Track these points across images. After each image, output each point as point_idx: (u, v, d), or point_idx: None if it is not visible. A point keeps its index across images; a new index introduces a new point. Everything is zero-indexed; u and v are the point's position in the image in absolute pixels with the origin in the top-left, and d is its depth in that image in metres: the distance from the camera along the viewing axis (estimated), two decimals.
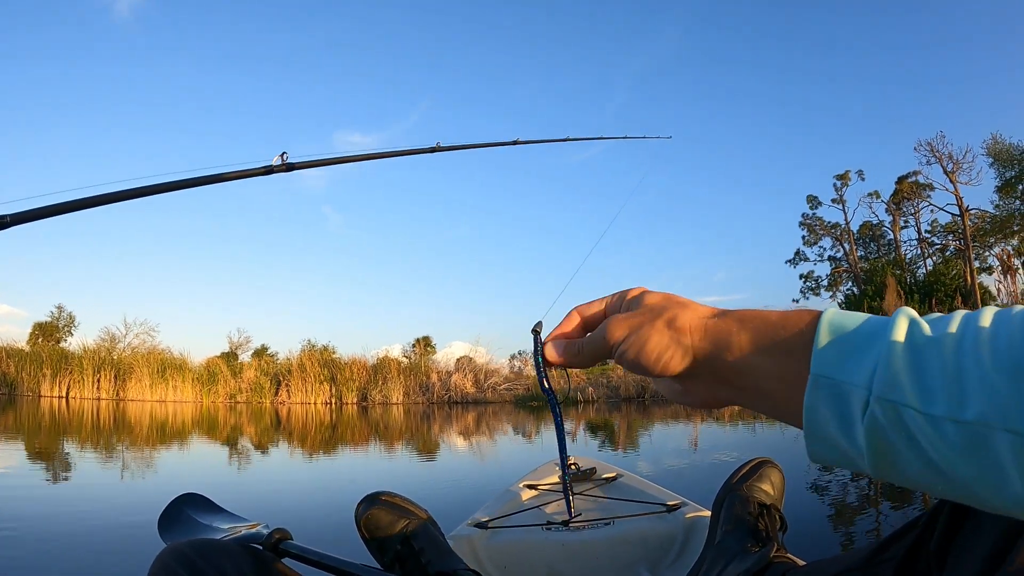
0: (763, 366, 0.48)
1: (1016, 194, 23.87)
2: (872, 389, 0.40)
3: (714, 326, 0.52)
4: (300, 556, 1.16)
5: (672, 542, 1.71)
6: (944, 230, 30.49)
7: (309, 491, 4.57)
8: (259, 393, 21.29)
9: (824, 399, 0.43)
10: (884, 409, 0.40)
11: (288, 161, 1.65)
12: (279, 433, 9.89)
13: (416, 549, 1.41)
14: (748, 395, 0.51)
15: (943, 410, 0.38)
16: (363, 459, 6.63)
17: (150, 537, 1.38)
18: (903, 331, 0.41)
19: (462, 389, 19.72)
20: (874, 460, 0.41)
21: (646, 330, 0.54)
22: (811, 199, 34.80)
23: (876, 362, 0.41)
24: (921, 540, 0.70)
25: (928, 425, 0.38)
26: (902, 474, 0.41)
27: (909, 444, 0.39)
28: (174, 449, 7.44)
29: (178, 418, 13.16)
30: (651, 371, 0.54)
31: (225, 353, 29.28)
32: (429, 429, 10.59)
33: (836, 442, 0.44)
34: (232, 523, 1.43)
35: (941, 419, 0.38)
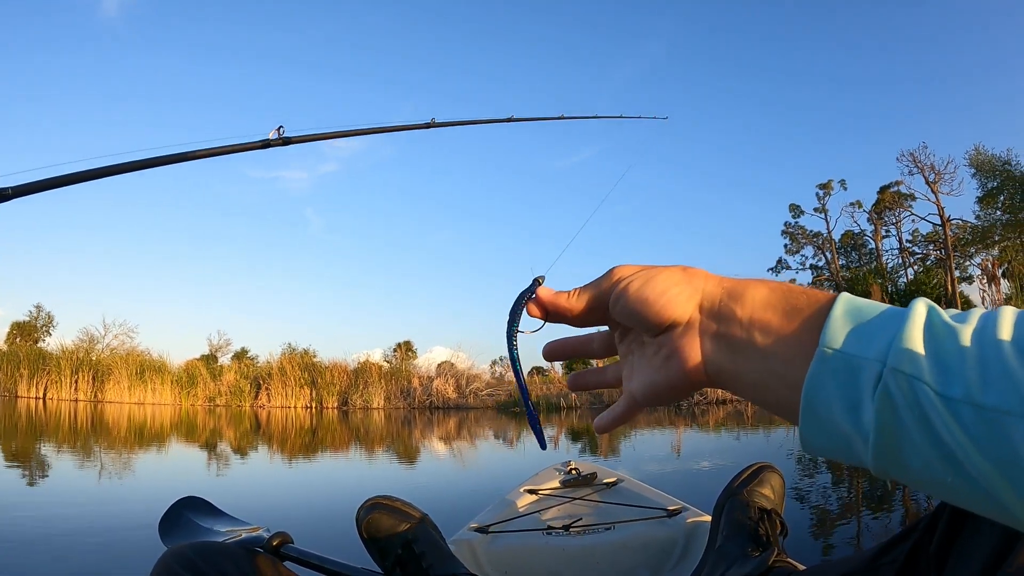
0: (773, 323, 0.46)
1: (997, 205, 24.15)
2: (887, 361, 0.38)
3: (730, 279, 0.51)
4: (301, 560, 1.16)
5: (673, 547, 1.71)
6: (925, 240, 30.85)
7: (306, 495, 4.56)
8: (238, 396, 21.15)
9: (831, 373, 0.40)
10: (899, 383, 0.37)
11: (284, 135, 1.63)
12: (263, 438, 9.83)
13: (417, 553, 1.41)
14: (746, 359, 0.47)
15: (961, 392, 0.35)
16: (358, 464, 6.60)
17: (150, 540, 1.37)
18: (922, 315, 0.40)
19: (444, 394, 19.66)
20: (880, 445, 0.38)
21: (657, 269, 0.52)
22: (793, 208, 35.11)
23: (892, 337, 0.39)
24: (921, 543, 0.70)
25: (944, 407, 0.36)
26: (906, 464, 0.38)
27: (922, 426, 0.37)
28: (160, 453, 7.40)
29: (157, 421, 13.04)
30: (651, 306, 0.50)
31: (205, 355, 29.18)
32: (414, 434, 10.58)
33: (838, 423, 0.41)
34: (232, 526, 1.42)
35: (958, 401, 0.35)
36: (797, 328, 0.44)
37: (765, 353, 0.46)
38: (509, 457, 7.39)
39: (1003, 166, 23.75)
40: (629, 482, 2.19)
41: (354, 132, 1.79)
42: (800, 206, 34.95)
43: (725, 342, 0.48)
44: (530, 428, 0.65)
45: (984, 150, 24.33)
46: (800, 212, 34.93)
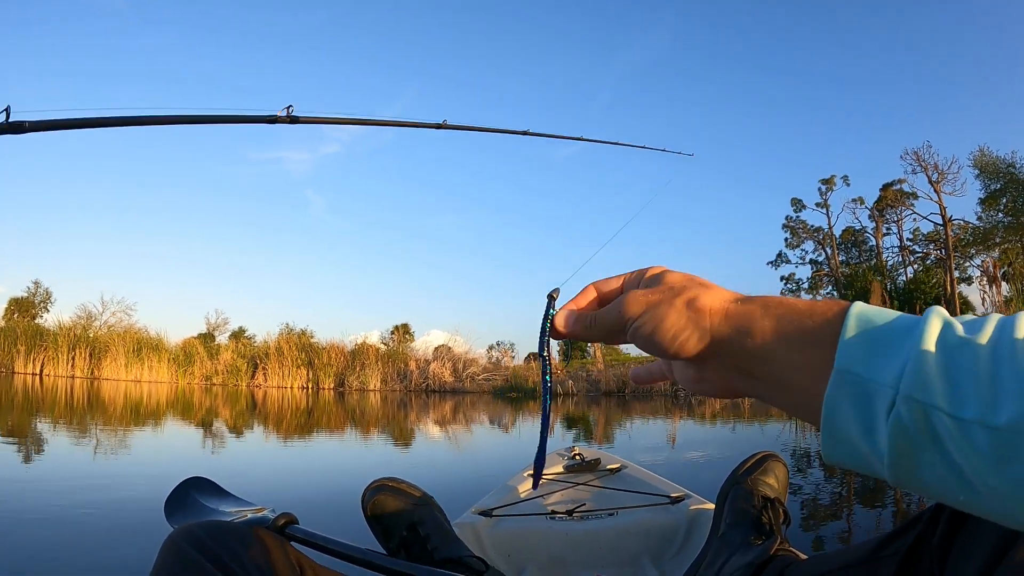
0: (785, 355, 0.45)
1: (999, 207, 24.13)
2: (899, 388, 0.38)
3: (736, 310, 0.49)
4: (306, 540, 1.16)
5: (675, 534, 1.72)
6: (926, 239, 30.87)
7: (309, 477, 4.56)
8: (235, 376, 21.20)
9: (847, 396, 0.40)
10: (911, 410, 0.37)
11: (293, 114, 1.63)
12: (261, 418, 9.84)
13: (422, 535, 1.42)
14: (766, 386, 0.48)
15: (974, 414, 0.35)
16: (360, 446, 6.62)
17: (155, 522, 1.37)
18: (935, 331, 0.39)
19: (440, 378, 19.67)
20: (895, 464, 0.39)
21: (664, 308, 0.51)
22: (795, 202, 35.11)
23: (905, 361, 0.38)
24: (924, 535, 0.71)
25: (957, 429, 0.35)
26: (923, 481, 0.39)
27: (935, 448, 0.37)
28: (159, 432, 7.37)
29: (154, 399, 13.03)
30: (665, 351, 0.51)
31: (202, 334, 29.18)
32: (410, 417, 10.58)
33: (855, 443, 0.41)
34: (238, 507, 1.42)
35: (971, 423, 0.35)
36: (810, 357, 0.44)
37: (785, 384, 0.47)
38: (511, 441, 7.41)
39: (1007, 168, 23.75)
40: (633, 468, 2.20)
41: (362, 121, 1.78)
42: (802, 200, 34.96)
43: (745, 375, 0.50)
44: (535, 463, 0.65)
45: (989, 151, 24.34)
46: (802, 206, 34.93)
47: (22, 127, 1.14)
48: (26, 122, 1.15)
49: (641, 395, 16.05)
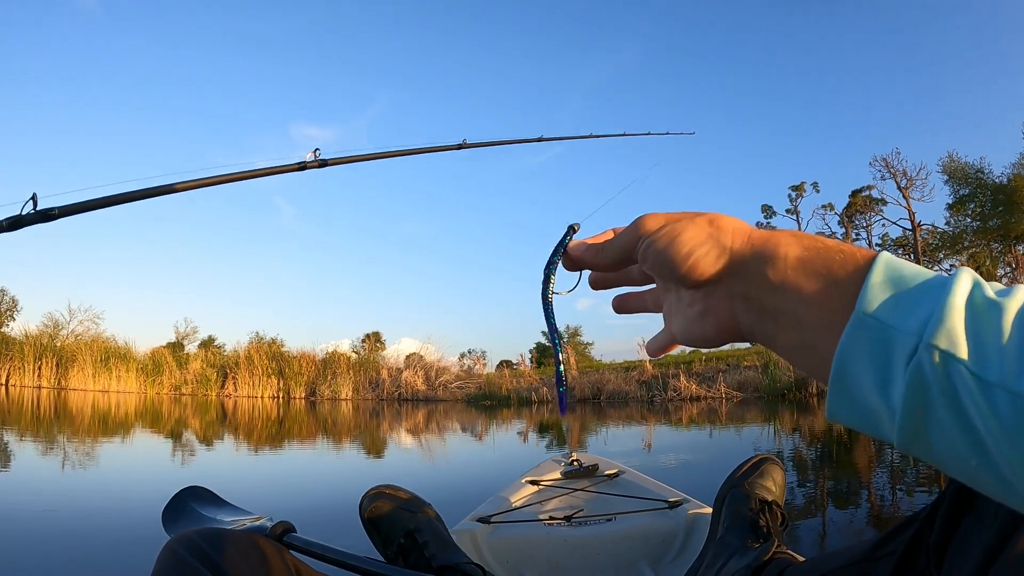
0: (805, 287, 0.43)
1: (967, 211, 24.56)
2: (923, 336, 0.36)
3: (761, 234, 0.47)
4: (304, 548, 1.16)
5: (674, 538, 1.72)
6: (895, 244, 31.37)
7: (301, 485, 4.54)
8: (205, 385, 20.93)
9: (865, 342, 0.38)
10: (933, 360, 0.35)
11: (321, 158, 1.64)
12: (238, 428, 9.72)
13: (420, 542, 1.41)
14: (775, 324, 0.45)
15: (997, 376, 0.34)
16: (350, 454, 6.58)
17: (154, 530, 1.36)
18: (965, 288, 0.37)
19: (413, 386, 19.53)
20: (906, 422, 0.37)
21: (684, 223, 0.49)
22: (766, 208, 35.56)
23: (932, 311, 0.36)
24: (921, 534, 0.71)
25: (978, 388, 0.34)
26: (930, 445, 0.37)
27: (952, 407, 0.35)
28: (130, 443, 7.28)
29: (123, 410, 12.83)
30: (677, 268, 0.48)
31: (171, 343, 28.89)
32: (395, 427, 10.52)
33: (866, 396, 0.39)
34: (236, 516, 1.42)
35: (993, 385, 0.33)
36: (831, 294, 0.42)
37: (798, 321, 0.43)
38: (505, 448, 7.37)
39: (975, 174, 24.19)
40: (630, 474, 2.20)
41: (387, 154, 1.78)
42: (772, 207, 35.40)
43: (756, 307, 0.46)
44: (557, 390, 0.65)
45: (957, 158, 24.79)
46: (772, 213, 35.36)
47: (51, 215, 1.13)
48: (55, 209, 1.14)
49: (617, 401, 16.06)
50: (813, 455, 5.55)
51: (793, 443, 6.63)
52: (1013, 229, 22.56)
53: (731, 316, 0.48)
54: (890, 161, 29.22)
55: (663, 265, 0.49)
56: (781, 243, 0.45)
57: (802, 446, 6.31)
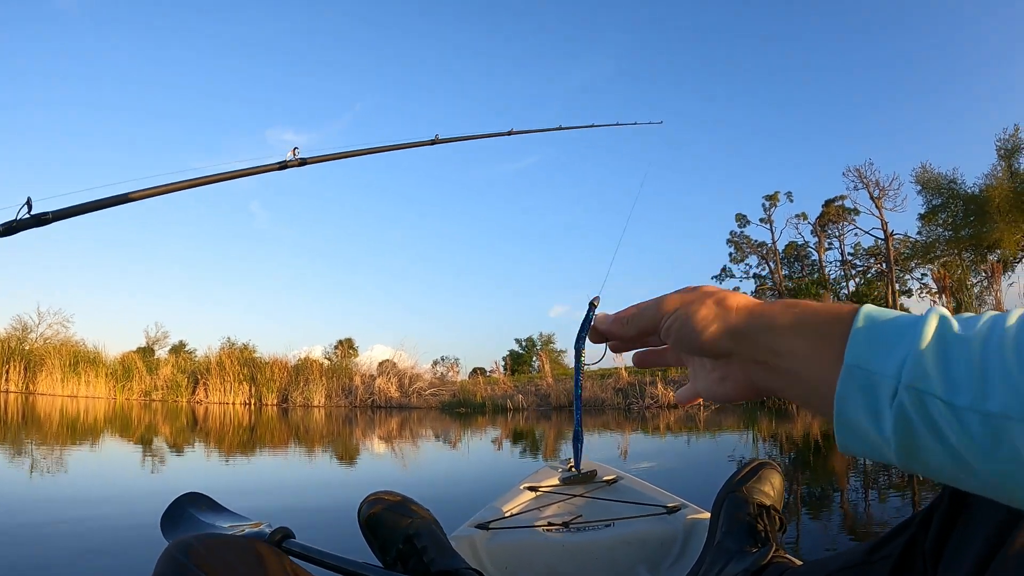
0: (801, 349, 0.50)
1: (939, 221, 24.92)
2: (901, 378, 0.41)
3: (759, 307, 0.55)
4: (303, 554, 1.15)
5: (672, 543, 1.72)
6: (867, 253, 31.81)
7: (298, 492, 4.51)
8: (175, 391, 20.61)
9: (856, 389, 0.44)
10: (911, 397, 0.41)
11: (300, 156, 1.64)
12: (220, 435, 9.61)
13: (419, 548, 1.41)
14: (784, 380, 0.52)
15: (967, 401, 0.38)
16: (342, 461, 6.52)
17: (152, 536, 1.35)
18: (933, 326, 0.43)
19: (386, 393, 19.40)
20: (900, 449, 0.42)
21: (696, 304, 0.58)
22: (740, 217, 35.85)
23: (906, 353, 0.42)
24: (916, 538, 0.72)
25: (952, 415, 0.39)
26: (927, 464, 0.42)
27: (934, 433, 0.40)
28: (120, 450, 7.19)
29: (93, 416, 12.62)
30: (694, 342, 0.57)
31: (141, 348, 28.44)
32: (354, 432, 10.46)
33: (866, 432, 0.44)
34: (234, 522, 1.40)
35: (965, 410, 0.38)
36: (822, 350, 0.48)
37: (799, 376, 0.50)
38: (503, 455, 7.34)
39: (948, 184, 24.54)
40: (628, 479, 2.20)
41: (365, 151, 1.79)
42: (746, 216, 35.72)
43: (764, 369, 0.54)
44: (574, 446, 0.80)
45: (930, 168, 25.10)
46: (746, 222, 35.68)
47: (45, 219, 1.12)
48: (49, 213, 1.13)
49: (593, 409, 16.06)
50: (800, 460, 5.59)
51: (779, 448, 6.67)
52: (985, 239, 22.89)
53: (746, 378, 0.57)
54: (863, 171, 29.62)
55: (683, 341, 0.59)
56: (776, 314, 0.53)
57: (791, 451, 6.36)
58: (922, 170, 25.13)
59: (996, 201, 22.40)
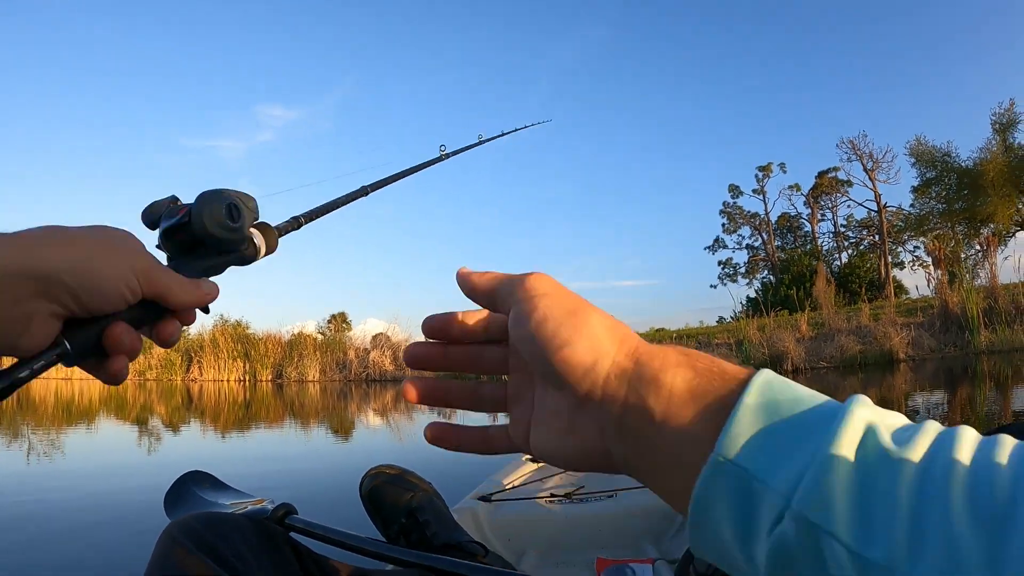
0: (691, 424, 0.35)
1: (932, 195, 24.98)
2: (791, 501, 0.30)
3: (648, 350, 0.39)
4: (306, 530, 1.15)
5: (675, 514, 1.72)
6: (859, 225, 31.95)
7: (299, 468, 4.54)
8: (169, 370, 20.67)
9: (725, 491, 0.32)
10: (801, 530, 0.29)
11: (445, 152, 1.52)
12: (220, 413, 9.64)
13: (421, 521, 1.41)
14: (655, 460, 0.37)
15: (883, 556, 0.28)
16: (344, 435, 6.54)
17: (156, 515, 1.35)
18: (854, 434, 0.31)
19: (380, 366, 19.42)
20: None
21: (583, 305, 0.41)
22: (733, 188, 35.98)
23: (807, 466, 0.30)
24: None
25: (857, 571, 0.28)
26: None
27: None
28: (120, 432, 7.20)
29: (87, 398, 12.59)
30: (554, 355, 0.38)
31: None
32: (361, 407, 10.48)
33: (726, 546, 0.33)
34: (237, 499, 1.40)
35: (879, 568, 0.28)
36: (705, 425, 0.34)
37: (679, 460, 0.35)
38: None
39: (943, 158, 24.56)
40: None
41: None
42: (739, 187, 35.86)
43: (631, 437, 0.38)
44: None
45: (925, 141, 25.11)
46: (739, 193, 35.85)
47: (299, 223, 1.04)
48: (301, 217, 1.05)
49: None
50: None
51: None
52: (979, 212, 22.93)
53: (600, 442, 0.39)
54: (857, 144, 29.84)
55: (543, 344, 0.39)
56: (669, 365, 0.37)
57: None
58: (916, 143, 25.17)
59: (990, 175, 22.43)
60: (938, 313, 13.66)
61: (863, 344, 12.04)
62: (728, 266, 36.63)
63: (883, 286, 27.28)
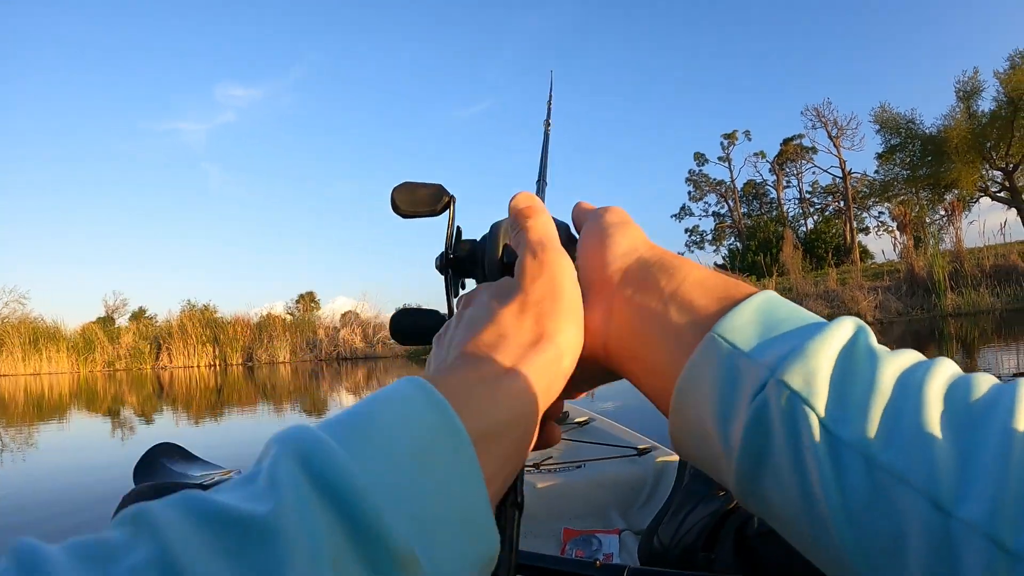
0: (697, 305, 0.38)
1: (896, 161, 25.25)
2: (776, 372, 0.31)
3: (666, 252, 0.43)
4: None
5: (643, 485, 1.74)
6: (825, 191, 32.28)
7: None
8: (139, 359, 20.56)
9: (713, 366, 0.34)
10: (779, 399, 0.31)
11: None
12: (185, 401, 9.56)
13: None
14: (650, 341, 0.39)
15: (854, 436, 0.29)
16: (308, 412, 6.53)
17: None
18: (844, 334, 0.33)
19: (351, 344, 19.38)
20: (743, 463, 0.32)
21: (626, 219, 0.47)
22: (698, 156, 36.11)
23: (793, 348, 0.32)
24: None
25: (826, 443, 0.29)
26: (767, 498, 0.32)
27: (792, 457, 0.30)
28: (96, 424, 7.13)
29: (57, 392, 12.37)
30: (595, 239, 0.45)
31: (101, 318, 28.18)
32: (331, 385, 10.46)
33: (705, 432, 0.35)
34: (206, 471, 1.41)
35: (845, 444, 0.29)
36: (708, 312, 0.37)
37: (671, 332, 0.38)
38: None
39: (907, 124, 24.82)
40: (600, 421, 2.22)
41: None
42: (705, 155, 35.96)
43: (636, 312, 0.40)
44: None
45: (889, 108, 25.37)
46: (705, 160, 36.00)
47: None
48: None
49: None
50: None
51: None
52: (943, 178, 23.27)
53: (604, 322, 0.42)
54: (821, 111, 30.07)
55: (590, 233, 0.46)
56: (685, 262, 0.42)
57: None
58: (880, 110, 25.44)
59: (954, 141, 22.72)
60: (904, 277, 13.91)
61: (831, 308, 12.23)
62: (695, 233, 36.81)
63: (849, 251, 27.60)
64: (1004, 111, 22.43)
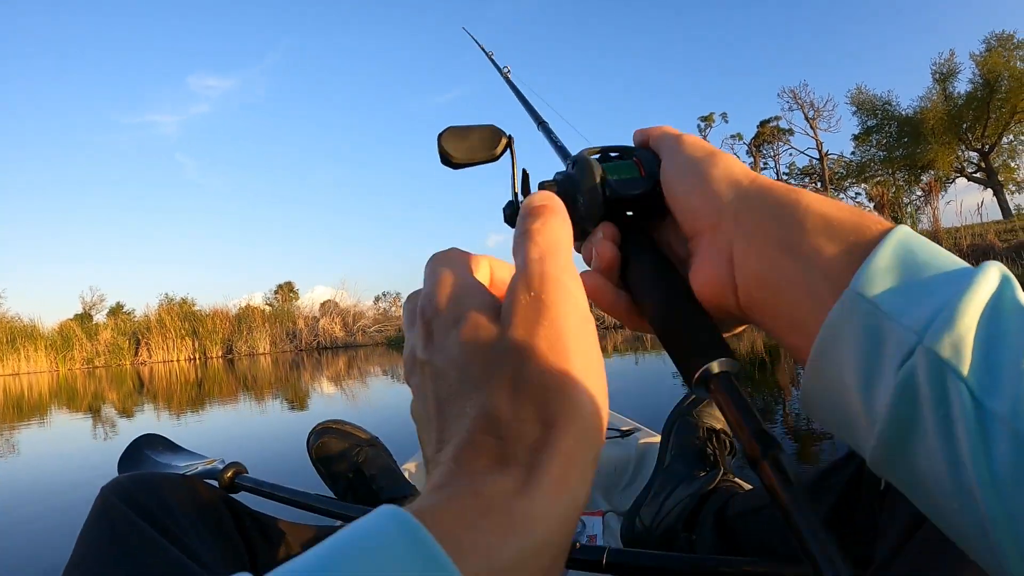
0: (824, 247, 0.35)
1: (872, 142, 25.45)
2: (923, 337, 0.29)
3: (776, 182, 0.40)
4: (255, 489, 1.20)
5: (626, 466, 1.75)
6: (802, 173, 32.47)
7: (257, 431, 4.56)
8: (118, 355, 20.38)
9: (854, 327, 0.31)
10: (930, 368, 0.28)
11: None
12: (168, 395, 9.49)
13: (368, 476, 1.42)
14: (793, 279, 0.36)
15: (1005, 408, 0.26)
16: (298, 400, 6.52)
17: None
18: (990, 286, 0.30)
19: (331, 333, 19.31)
20: (888, 434, 0.30)
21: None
22: None
23: (940, 309, 0.29)
24: (864, 468, 0.69)
25: (976, 418, 0.27)
26: (914, 471, 0.30)
27: (942, 429, 0.28)
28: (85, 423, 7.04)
29: (35, 391, 12.11)
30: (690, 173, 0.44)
31: (79, 315, 27.92)
32: (312, 375, 10.43)
33: (844, 395, 0.32)
34: (190, 460, 1.42)
35: (997, 417, 0.26)
36: (841, 259, 0.34)
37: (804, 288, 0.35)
38: None
39: (883, 106, 25.05)
40: None
41: None
42: None
43: (761, 260, 0.37)
44: None
45: (866, 90, 25.64)
46: None
47: None
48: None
49: None
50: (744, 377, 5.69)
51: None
52: (919, 159, 23.53)
53: (728, 272, 0.39)
54: (798, 93, 30.17)
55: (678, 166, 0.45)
56: (799, 194, 0.37)
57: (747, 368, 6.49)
58: (857, 92, 25.64)
59: (931, 123, 22.96)
60: None
61: None
62: None
63: None
64: (980, 93, 22.71)
